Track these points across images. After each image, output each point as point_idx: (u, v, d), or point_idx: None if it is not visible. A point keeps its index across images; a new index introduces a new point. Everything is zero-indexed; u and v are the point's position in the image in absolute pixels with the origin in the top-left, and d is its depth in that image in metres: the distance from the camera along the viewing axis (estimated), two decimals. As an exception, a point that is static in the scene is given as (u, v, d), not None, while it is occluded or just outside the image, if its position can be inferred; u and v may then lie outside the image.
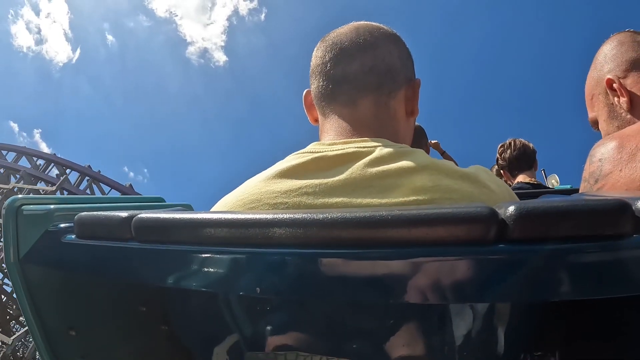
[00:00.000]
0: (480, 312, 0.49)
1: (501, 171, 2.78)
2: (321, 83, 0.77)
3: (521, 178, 2.60)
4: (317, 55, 0.79)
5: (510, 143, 2.69)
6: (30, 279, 0.70)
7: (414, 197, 0.56)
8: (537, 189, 2.33)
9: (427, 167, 0.59)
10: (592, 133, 1.11)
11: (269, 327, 0.53)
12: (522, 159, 2.63)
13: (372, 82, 0.75)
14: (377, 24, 0.80)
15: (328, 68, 0.76)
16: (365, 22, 0.79)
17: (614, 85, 1.00)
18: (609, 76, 1.01)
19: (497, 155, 2.76)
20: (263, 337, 0.54)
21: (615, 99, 1.00)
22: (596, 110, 1.07)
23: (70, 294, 0.73)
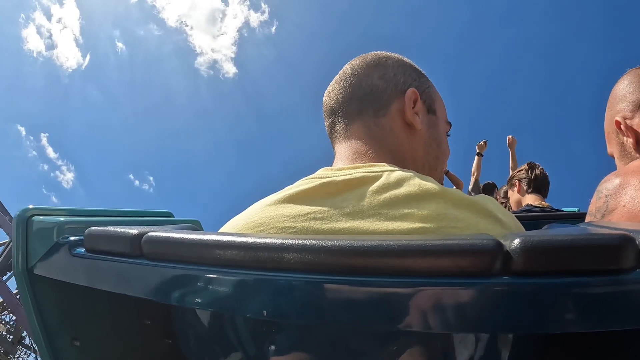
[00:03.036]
0: (483, 344, 0.50)
1: (514, 184, 2.79)
2: (326, 120, 0.84)
3: (531, 199, 2.61)
4: (325, 95, 0.86)
5: (535, 165, 2.75)
6: (38, 289, 0.71)
7: (421, 225, 0.57)
8: (546, 212, 2.34)
9: (435, 195, 0.60)
10: (603, 157, 1.17)
11: (273, 350, 0.54)
12: (540, 184, 2.68)
13: (354, 108, 0.80)
14: (365, 54, 0.86)
15: (325, 106, 0.84)
16: (357, 57, 0.86)
17: (621, 126, 1.04)
18: (617, 118, 1.05)
19: (514, 172, 2.80)
20: (266, 359, 0.54)
21: (624, 138, 1.03)
22: (611, 147, 1.11)
23: (76, 305, 0.73)
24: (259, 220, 0.62)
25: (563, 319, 0.41)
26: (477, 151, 3.57)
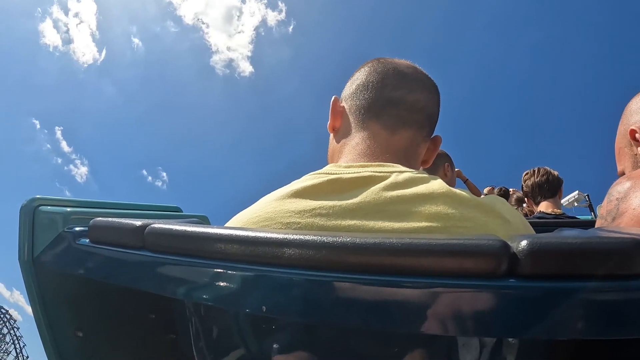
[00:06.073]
0: (486, 347, 0.48)
1: (525, 198, 2.78)
2: (370, 97, 0.79)
3: (544, 207, 2.58)
4: (372, 71, 0.81)
5: (534, 170, 2.71)
6: (42, 278, 0.71)
7: (427, 224, 0.56)
8: (558, 219, 2.31)
9: (442, 195, 0.59)
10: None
11: (273, 346, 0.53)
12: (545, 187, 2.63)
13: (417, 119, 0.78)
14: (427, 75, 0.84)
15: (386, 88, 0.79)
16: (419, 68, 0.84)
17: (637, 135, 1.03)
18: (632, 127, 1.04)
19: (522, 182, 2.78)
20: (267, 355, 0.54)
21: (638, 149, 1.03)
22: (622, 163, 1.10)
23: (80, 296, 0.74)
24: (264, 215, 0.62)
25: (570, 325, 0.40)
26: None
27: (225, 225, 0.65)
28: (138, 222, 0.56)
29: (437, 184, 0.61)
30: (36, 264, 0.69)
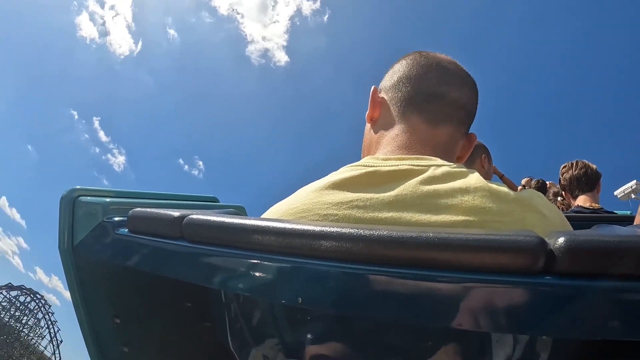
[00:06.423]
0: (520, 344, 0.48)
1: (562, 192, 2.73)
2: (412, 90, 0.79)
3: (582, 201, 2.54)
4: (415, 64, 0.81)
5: (572, 163, 2.67)
6: (81, 267, 0.73)
7: (464, 218, 0.56)
8: (596, 214, 2.26)
9: (480, 189, 0.59)
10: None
11: (307, 337, 0.54)
12: (583, 180, 2.59)
13: (458, 115, 0.78)
14: (467, 72, 0.84)
15: (429, 82, 0.78)
16: (459, 64, 0.84)
17: None
18: None
19: (560, 175, 2.73)
20: (301, 345, 0.55)
21: None
22: None
23: (118, 284, 0.76)
24: (302, 206, 0.62)
25: (606, 325, 0.40)
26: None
27: (263, 216, 0.66)
28: (176, 213, 0.58)
29: (474, 178, 0.61)
30: (75, 253, 0.72)
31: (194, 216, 0.56)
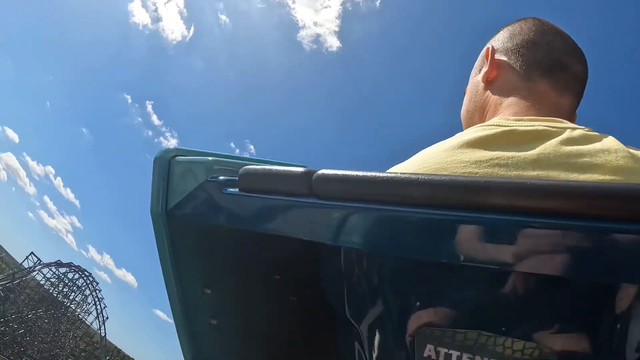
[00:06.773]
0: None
1: None
2: (539, 56, 0.78)
3: None
4: (538, 30, 0.81)
5: None
6: (175, 231, 0.69)
7: (611, 177, 0.53)
8: None
9: (621, 150, 0.56)
10: None
11: (447, 301, 0.50)
12: None
13: (578, 88, 0.80)
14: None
15: (556, 50, 0.79)
16: (573, 40, 0.83)
17: None
18: None
19: None
20: (437, 311, 0.50)
21: None
22: None
23: (210, 252, 0.72)
24: (435, 165, 0.59)
25: None
26: None
27: None
28: (300, 169, 0.54)
29: (612, 141, 0.59)
30: (169, 216, 0.67)
31: (325, 171, 0.52)
